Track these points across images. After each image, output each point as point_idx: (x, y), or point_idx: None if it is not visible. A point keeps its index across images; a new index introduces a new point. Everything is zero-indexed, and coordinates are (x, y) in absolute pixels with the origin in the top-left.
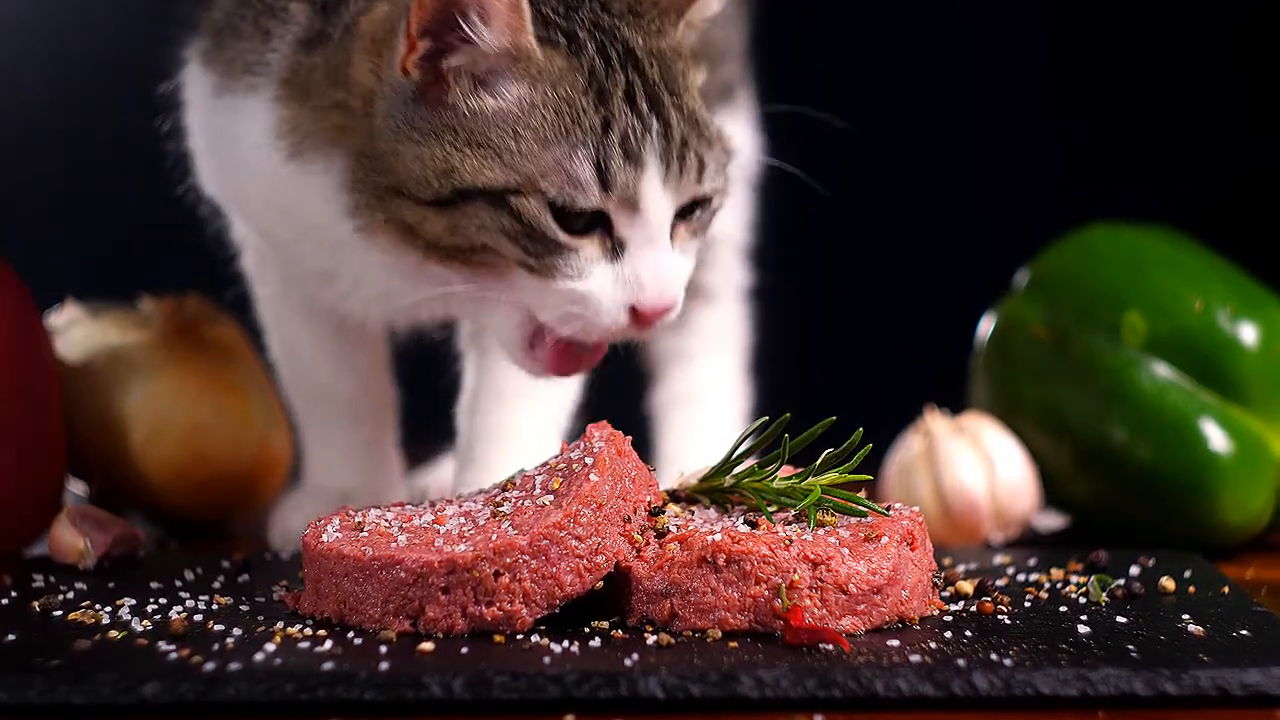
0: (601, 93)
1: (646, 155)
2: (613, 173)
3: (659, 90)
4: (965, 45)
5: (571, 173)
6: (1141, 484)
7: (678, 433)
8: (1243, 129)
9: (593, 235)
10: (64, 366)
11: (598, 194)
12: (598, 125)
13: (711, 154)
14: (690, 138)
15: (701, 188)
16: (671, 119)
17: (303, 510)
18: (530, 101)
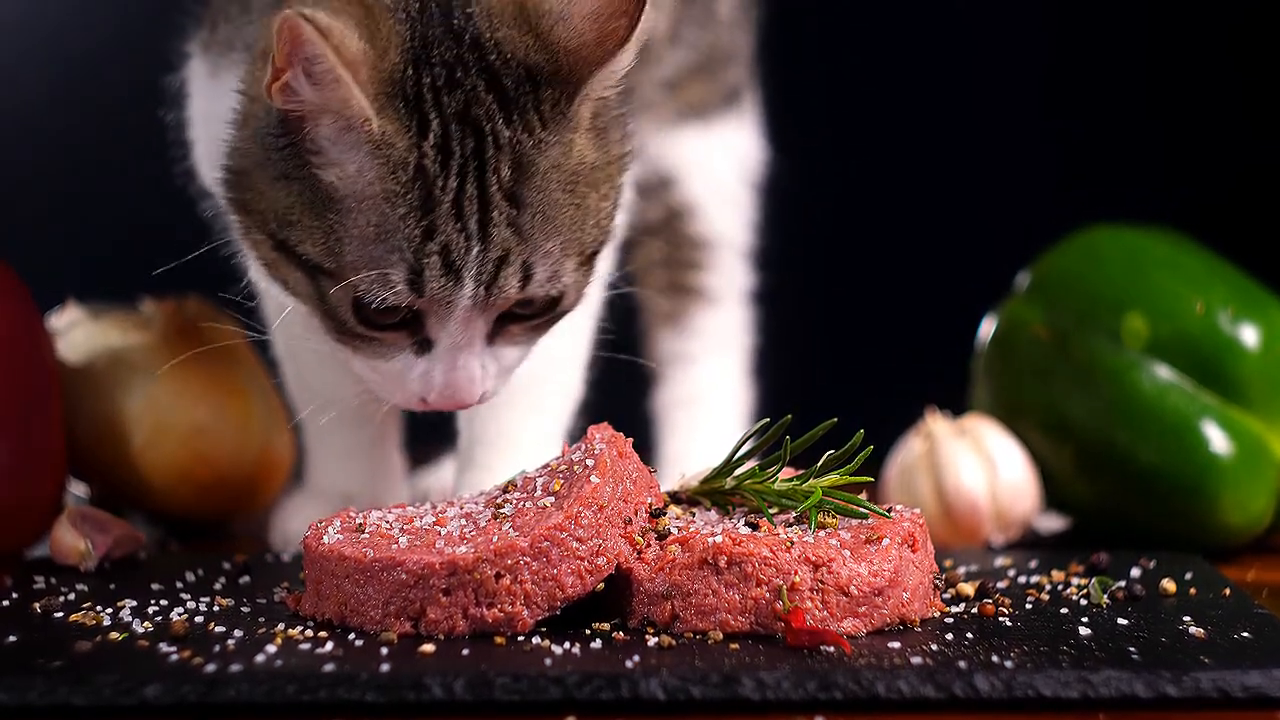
0: (429, 198)
1: (464, 272)
2: (426, 283)
3: (495, 198)
4: (966, 46)
5: (385, 275)
6: (1143, 486)
7: (680, 434)
8: (1243, 129)
9: (399, 330)
10: (65, 368)
11: (408, 298)
12: (418, 234)
13: (551, 260)
14: (515, 250)
15: (529, 293)
16: (497, 235)
17: (304, 512)
18: (360, 187)
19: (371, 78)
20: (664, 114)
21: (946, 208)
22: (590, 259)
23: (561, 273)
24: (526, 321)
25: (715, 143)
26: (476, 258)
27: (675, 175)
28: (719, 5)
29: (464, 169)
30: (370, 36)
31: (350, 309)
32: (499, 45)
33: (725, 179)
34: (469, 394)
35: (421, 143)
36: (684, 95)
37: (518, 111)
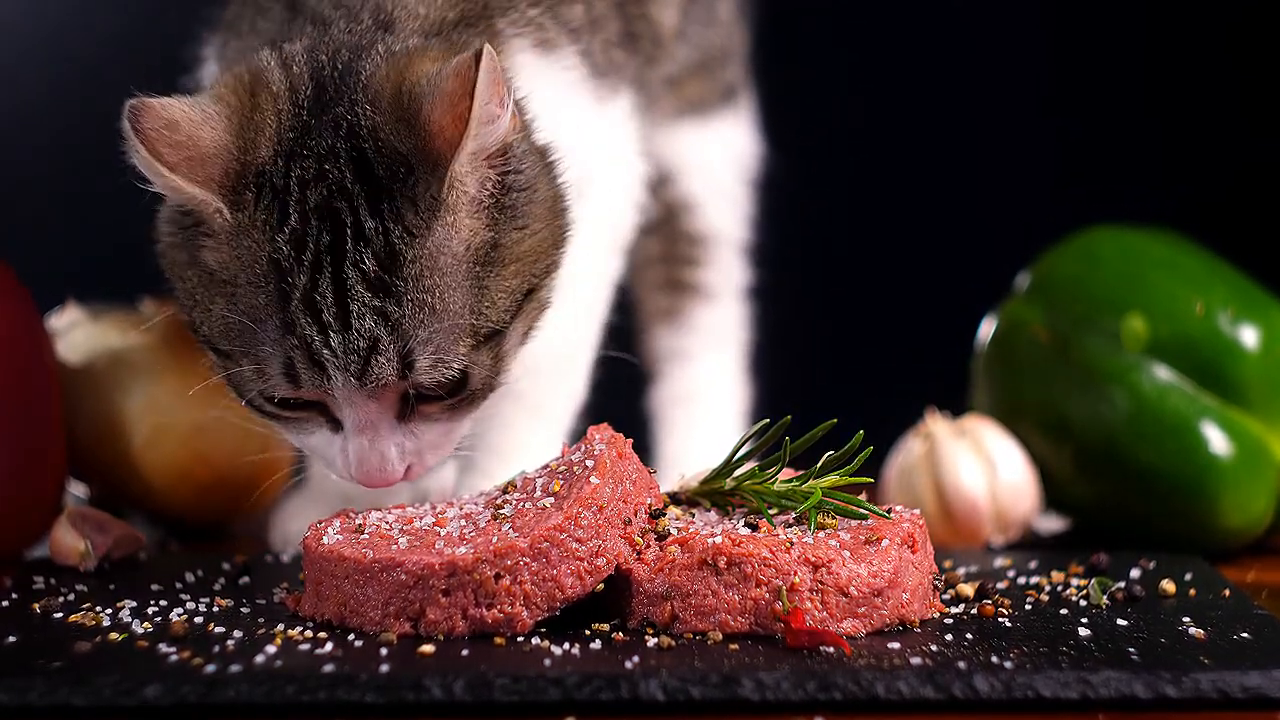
0: (282, 292)
1: (328, 364)
2: (300, 374)
3: (356, 290)
4: (965, 46)
5: (263, 366)
6: (1142, 487)
7: (678, 432)
8: (1242, 129)
9: (309, 409)
10: (65, 369)
11: (289, 389)
12: (278, 325)
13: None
14: (385, 339)
15: (415, 381)
16: (359, 325)
17: (304, 512)
18: (232, 275)
19: (228, 170)
20: (664, 110)
21: (946, 208)
22: (490, 339)
23: (449, 359)
24: (436, 402)
25: (713, 139)
26: (340, 349)
27: (673, 171)
28: (720, 5)
29: (318, 262)
30: (241, 127)
31: (259, 396)
32: (375, 132)
33: (722, 175)
34: (384, 475)
35: (276, 236)
36: (684, 92)
37: (387, 200)
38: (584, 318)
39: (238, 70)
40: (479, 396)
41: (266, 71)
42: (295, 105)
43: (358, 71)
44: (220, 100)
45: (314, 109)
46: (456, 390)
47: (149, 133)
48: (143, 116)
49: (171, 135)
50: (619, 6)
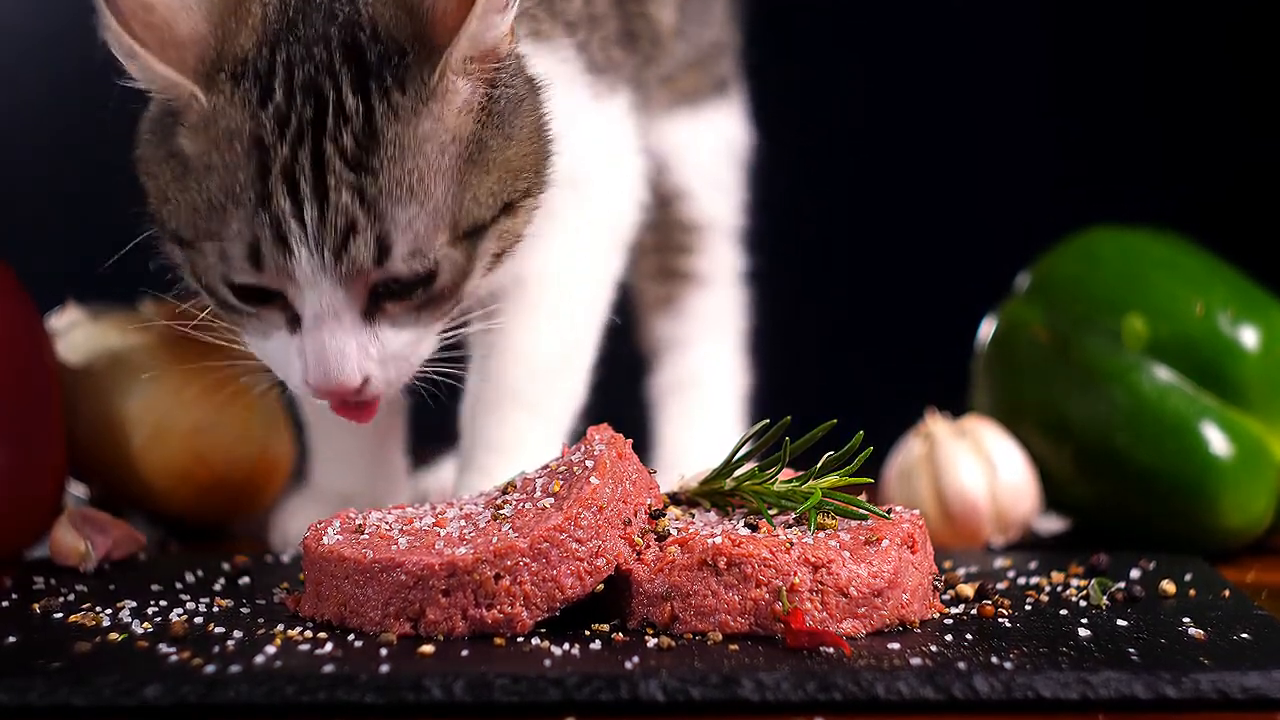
0: (262, 166)
1: (293, 242)
2: (263, 255)
3: (334, 165)
4: (966, 46)
5: (226, 248)
6: (1142, 487)
7: (677, 420)
8: (1243, 129)
9: (269, 305)
10: (65, 369)
11: (251, 273)
12: (251, 201)
13: (412, 233)
14: (362, 219)
15: (389, 270)
16: (337, 200)
17: (303, 513)
18: (206, 154)
19: (202, 56)
20: (658, 103)
21: (946, 209)
22: (468, 237)
23: (426, 248)
24: (402, 300)
25: (705, 128)
26: (315, 226)
27: (666, 161)
28: (715, 3)
29: (300, 135)
30: (222, 18)
31: (220, 283)
32: (373, 20)
33: (714, 163)
34: (341, 372)
35: (260, 112)
36: (677, 85)
37: (375, 80)
38: (583, 317)
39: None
40: (445, 297)
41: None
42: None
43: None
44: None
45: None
46: (421, 287)
47: (124, 8)
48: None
49: (147, 16)
50: (618, 4)
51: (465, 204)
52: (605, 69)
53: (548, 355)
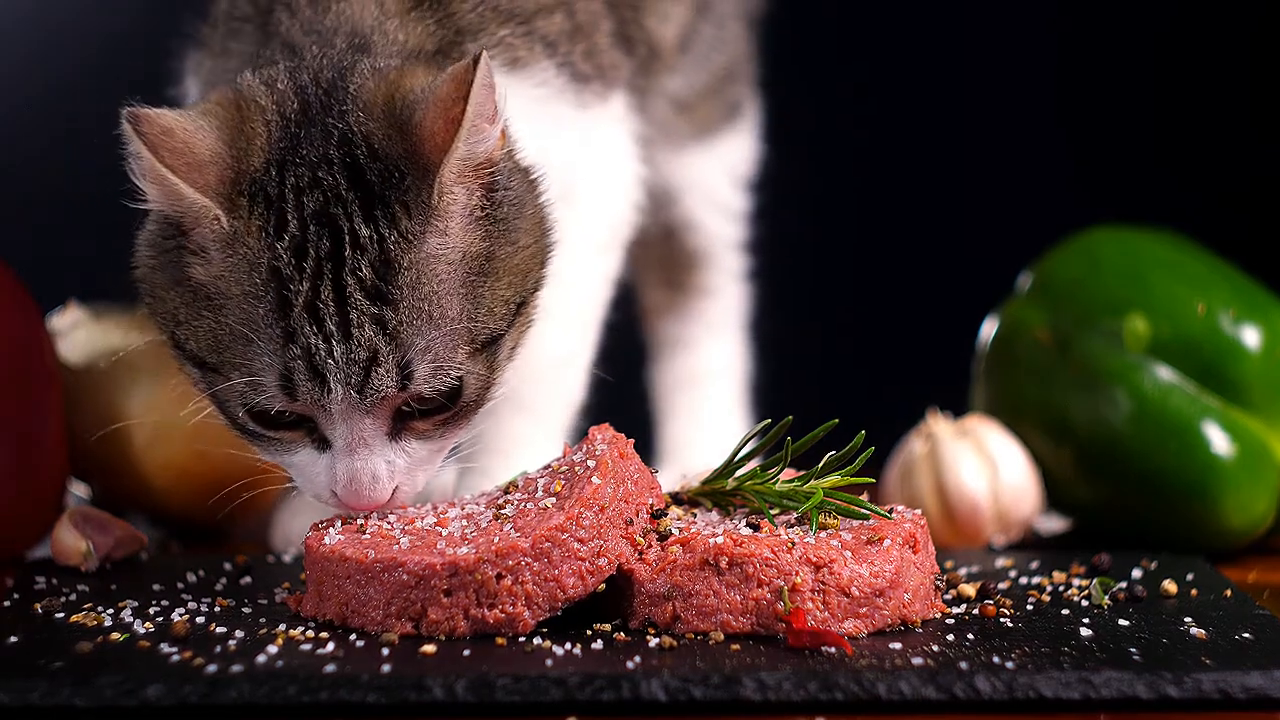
0: (284, 300)
1: (330, 375)
2: (298, 386)
3: (355, 298)
4: (968, 48)
5: (257, 378)
6: (1144, 487)
7: (680, 416)
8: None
9: (295, 429)
10: (66, 369)
11: (285, 402)
12: (279, 335)
13: (432, 356)
14: (384, 349)
15: (415, 392)
16: (359, 334)
17: (305, 513)
18: (226, 287)
19: (223, 177)
20: (679, 136)
21: (948, 209)
22: (486, 348)
23: (448, 367)
24: (429, 417)
25: (714, 161)
26: (342, 360)
27: (674, 192)
28: (729, 26)
29: (319, 269)
30: (233, 138)
31: (244, 411)
32: (367, 139)
33: (723, 193)
34: (373, 494)
35: (276, 243)
36: (695, 115)
37: (381, 206)
38: (579, 319)
39: (221, 90)
40: (471, 410)
41: (251, 89)
42: (283, 118)
43: (345, 85)
44: (208, 114)
45: (301, 121)
46: (451, 401)
47: (150, 137)
48: (142, 122)
49: (169, 141)
50: (612, 7)
51: (480, 318)
52: (593, 76)
53: (546, 359)
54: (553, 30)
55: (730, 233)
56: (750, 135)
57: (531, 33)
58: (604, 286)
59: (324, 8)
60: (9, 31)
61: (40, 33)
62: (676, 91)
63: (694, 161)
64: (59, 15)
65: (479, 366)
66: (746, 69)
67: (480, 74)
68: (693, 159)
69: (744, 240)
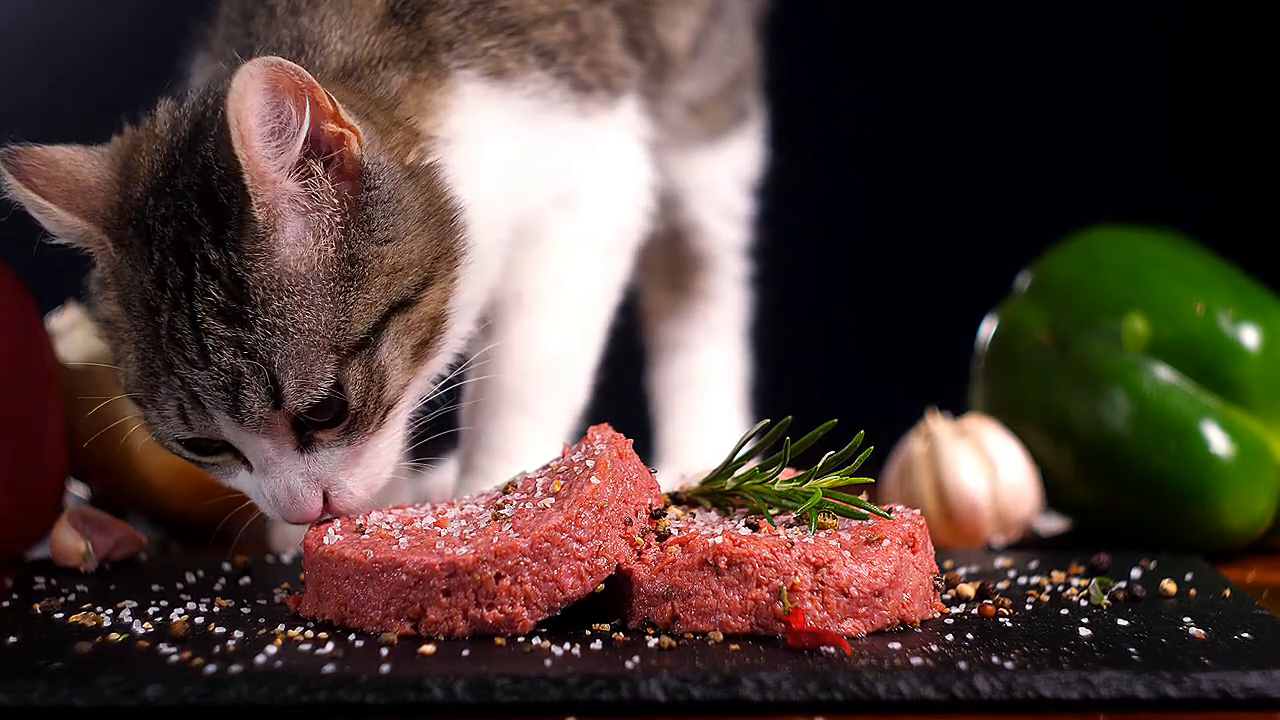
0: (154, 334)
1: (207, 401)
2: (189, 416)
3: (209, 324)
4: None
5: (161, 409)
6: (1143, 487)
7: (680, 418)
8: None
9: (225, 453)
10: (65, 369)
11: (185, 431)
12: (160, 367)
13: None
14: (246, 372)
15: (289, 410)
16: (219, 359)
17: None
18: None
19: (110, 203)
20: (691, 139)
21: (947, 209)
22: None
23: (315, 379)
24: (330, 428)
25: (721, 164)
26: (209, 387)
27: (681, 195)
28: (740, 30)
29: (175, 299)
30: (123, 167)
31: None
32: (215, 162)
33: (729, 195)
34: (298, 508)
35: (143, 275)
36: (705, 119)
37: (229, 229)
38: (582, 322)
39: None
40: (368, 417)
41: (158, 113)
42: (171, 146)
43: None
44: (109, 148)
45: (186, 148)
46: (341, 414)
47: (24, 168)
48: (18, 156)
49: (50, 171)
50: (621, 14)
51: (339, 325)
52: (598, 85)
53: (546, 360)
54: (552, 40)
55: (734, 237)
56: (756, 140)
57: (525, 43)
58: (608, 290)
59: (293, 18)
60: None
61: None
62: (690, 95)
63: (702, 165)
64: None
65: (355, 373)
66: (753, 74)
67: (238, 87)
68: (701, 162)
69: (747, 244)
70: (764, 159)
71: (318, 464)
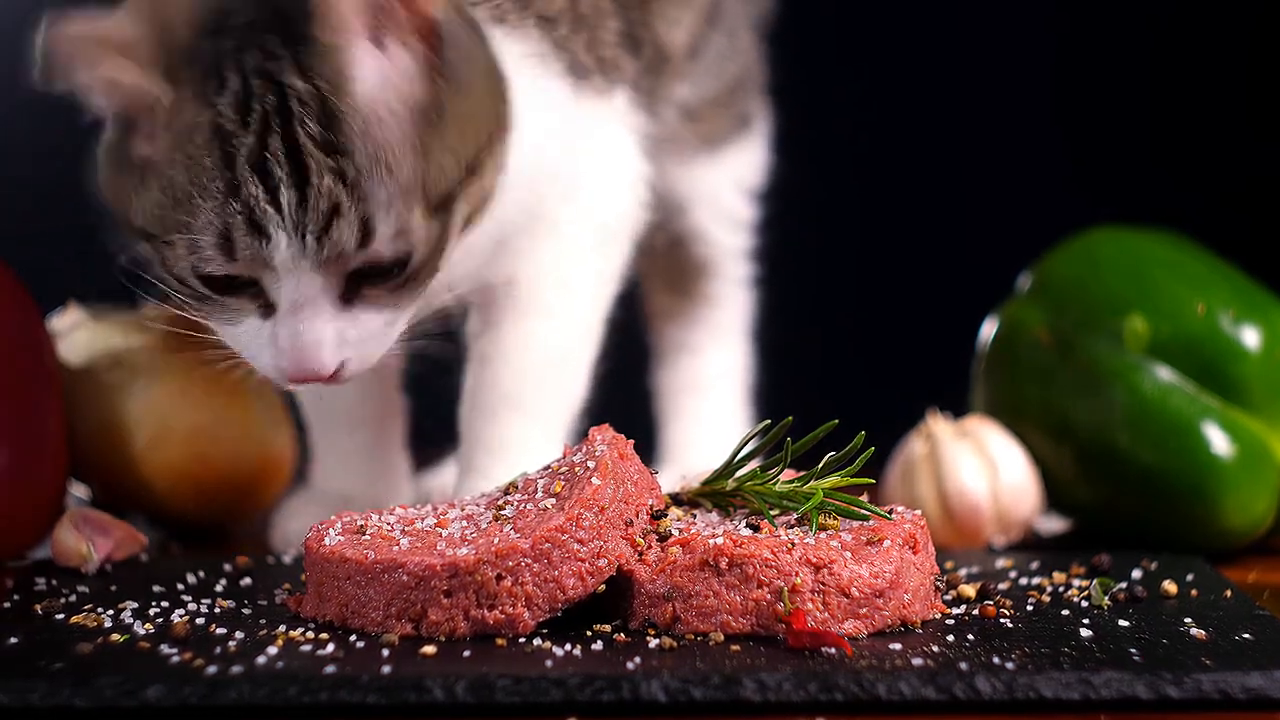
0: (227, 155)
1: (271, 227)
2: (236, 243)
3: (308, 150)
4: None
5: (196, 239)
6: (1144, 487)
7: (683, 419)
8: (1246, 132)
9: (240, 294)
10: (66, 370)
11: (223, 263)
12: (220, 191)
13: (393, 212)
14: (346, 202)
15: (370, 253)
16: (319, 183)
17: (305, 513)
18: (169, 151)
19: (154, 55)
20: (684, 147)
21: (948, 210)
22: (441, 208)
23: (407, 227)
24: (381, 282)
25: (723, 172)
26: (294, 211)
27: (682, 204)
28: (740, 35)
29: (265, 123)
30: (152, 18)
31: (190, 274)
32: None
33: (731, 203)
34: (317, 364)
35: (217, 101)
36: (701, 126)
37: (315, 61)
38: (579, 318)
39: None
40: (421, 277)
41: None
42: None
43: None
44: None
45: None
46: (399, 267)
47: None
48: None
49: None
50: (620, 6)
51: (432, 173)
52: (594, 70)
53: (542, 358)
54: (552, 8)
55: (737, 242)
56: (760, 146)
57: (527, 6)
58: (606, 283)
59: None
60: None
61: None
62: (686, 100)
63: (703, 173)
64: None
65: (433, 227)
66: (757, 80)
67: None
68: (703, 170)
69: (750, 249)
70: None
71: (355, 322)
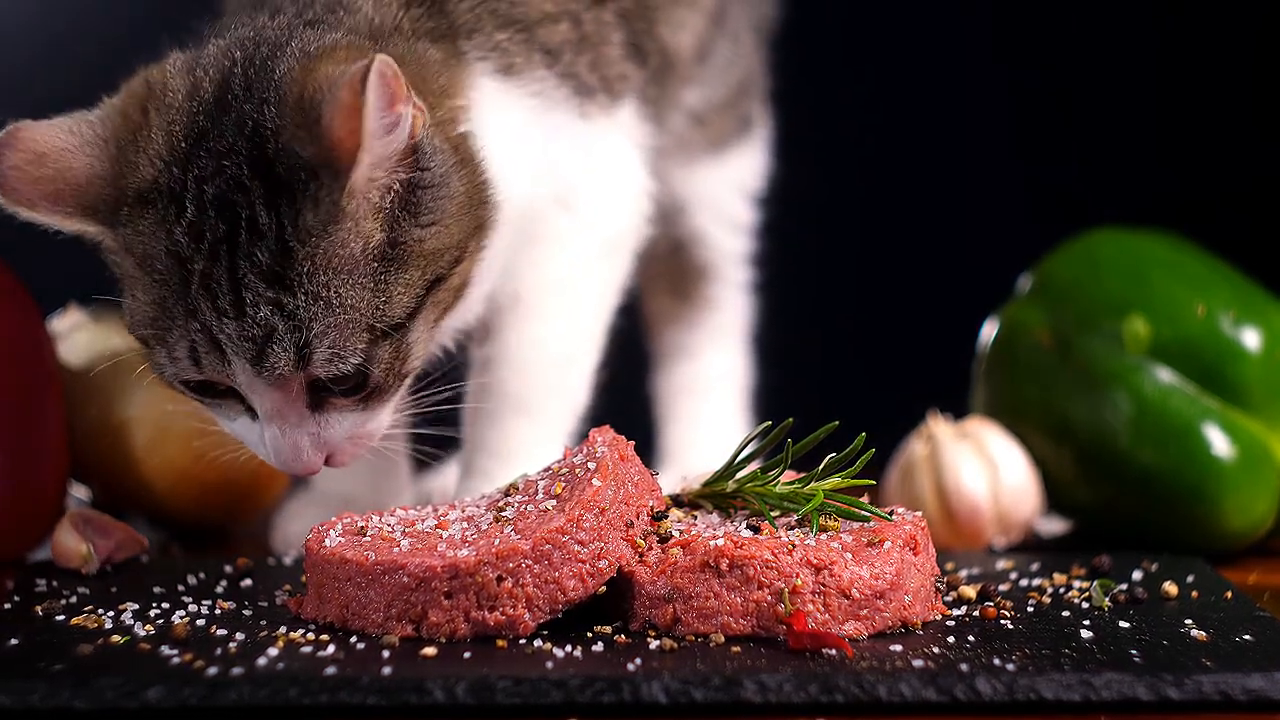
0: (183, 279)
1: (227, 349)
2: (202, 359)
3: (250, 280)
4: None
5: (172, 350)
6: (1144, 489)
7: (682, 421)
8: (1245, 131)
9: (230, 396)
10: (66, 371)
11: (197, 373)
12: (181, 312)
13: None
14: (280, 328)
15: (313, 372)
16: (254, 314)
17: (305, 515)
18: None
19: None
20: (693, 150)
21: (948, 212)
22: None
23: (345, 352)
24: (347, 396)
25: (725, 175)
26: (236, 336)
27: (684, 206)
28: (744, 39)
29: (215, 251)
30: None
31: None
32: (277, 134)
33: (733, 206)
34: (299, 463)
35: (173, 229)
36: (708, 130)
37: (286, 197)
38: (582, 324)
39: (139, 80)
40: (386, 389)
41: (168, 78)
42: (191, 114)
43: (272, 69)
44: (107, 119)
45: (214, 111)
46: (360, 385)
47: (8, 172)
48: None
49: (38, 170)
50: (623, 18)
51: (379, 306)
52: (598, 88)
53: (545, 362)
54: (555, 39)
55: (737, 246)
56: (761, 150)
57: (531, 40)
58: (608, 291)
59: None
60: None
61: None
62: (694, 105)
63: (705, 176)
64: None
65: (383, 352)
66: (758, 84)
67: (373, 83)
68: (705, 173)
69: (750, 252)
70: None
71: (329, 428)
